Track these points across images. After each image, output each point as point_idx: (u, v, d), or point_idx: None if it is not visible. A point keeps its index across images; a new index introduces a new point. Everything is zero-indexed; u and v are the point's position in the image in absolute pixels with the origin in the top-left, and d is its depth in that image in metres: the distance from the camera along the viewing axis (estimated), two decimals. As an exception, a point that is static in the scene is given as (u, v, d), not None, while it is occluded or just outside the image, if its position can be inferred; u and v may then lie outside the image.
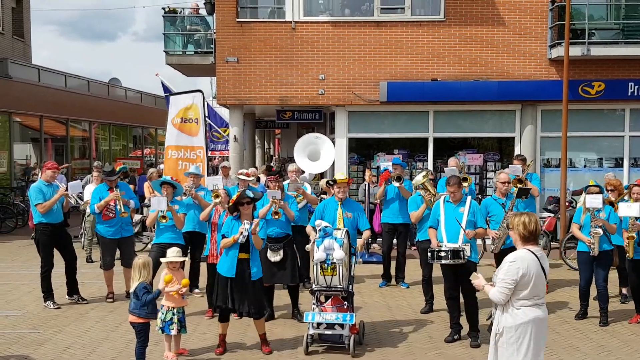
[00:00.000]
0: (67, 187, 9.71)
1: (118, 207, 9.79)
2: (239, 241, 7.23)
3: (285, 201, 8.84)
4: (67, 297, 9.90)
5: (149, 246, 12.31)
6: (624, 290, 9.82)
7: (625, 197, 9.42)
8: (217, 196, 8.85)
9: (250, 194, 7.48)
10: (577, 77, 14.84)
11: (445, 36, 15.22)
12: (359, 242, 8.42)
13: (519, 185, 9.31)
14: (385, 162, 11.29)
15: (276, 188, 8.73)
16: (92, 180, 13.46)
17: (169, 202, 9.04)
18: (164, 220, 9.01)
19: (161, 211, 8.93)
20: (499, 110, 15.62)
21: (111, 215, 9.87)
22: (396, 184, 10.64)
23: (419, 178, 9.77)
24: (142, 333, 6.88)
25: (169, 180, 9.43)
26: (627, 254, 8.58)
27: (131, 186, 11.80)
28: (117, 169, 10.59)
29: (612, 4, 15.31)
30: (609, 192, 9.71)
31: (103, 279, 10.21)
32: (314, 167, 11.34)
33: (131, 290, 7.02)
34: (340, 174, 8.71)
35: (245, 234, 7.21)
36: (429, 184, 9.69)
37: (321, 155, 11.45)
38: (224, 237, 7.47)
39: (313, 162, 11.35)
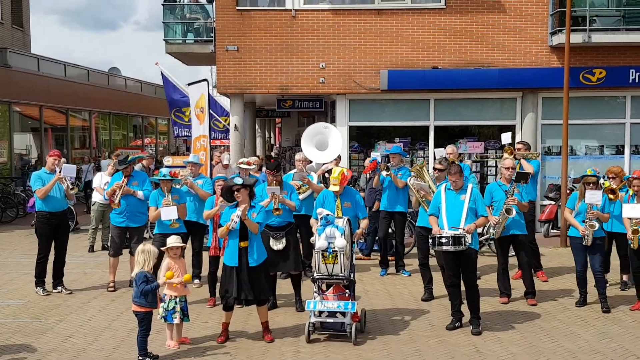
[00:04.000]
0: (60, 170, 9.65)
1: (117, 196, 9.75)
2: (231, 227, 7.25)
3: (284, 190, 8.84)
4: (52, 289, 9.86)
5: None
6: (625, 277, 9.83)
7: (628, 188, 9.37)
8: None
9: (238, 180, 7.47)
10: (578, 65, 14.78)
11: (446, 24, 15.16)
12: (358, 232, 8.43)
13: (517, 170, 9.29)
14: (375, 152, 11.27)
15: (274, 182, 8.75)
16: (107, 168, 13.48)
17: (169, 192, 9.09)
18: (176, 225, 9.02)
19: (175, 220, 9.00)
20: (500, 97, 15.58)
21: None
22: (384, 174, 10.67)
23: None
24: (144, 322, 6.89)
25: (167, 177, 9.37)
26: (632, 245, 8.59)
27: None
28: (130, 158, 10.59)
29: (613, -10, 15.24)
30: (610, 179, 9.66)
31: (104, 269, 10.23)
32: (322, 156, 11.32)
33: (132, 275, 7.04)
34: (335, 170, 8.58)
35: (237, 219, 7.23)
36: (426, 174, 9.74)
37: (329, 144, 11.42)
38: (220, 226, 7.51)
39: (321, 152, 11.31)
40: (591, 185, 8.76)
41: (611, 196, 8.97)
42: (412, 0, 15.29)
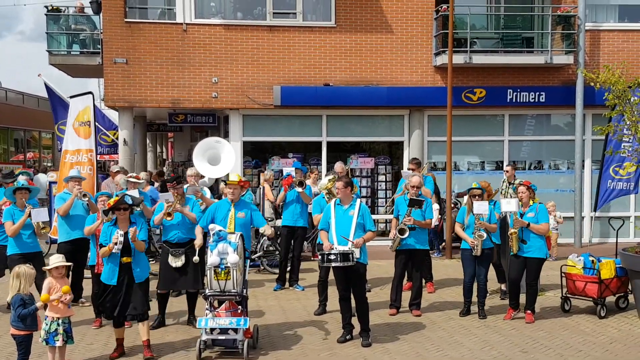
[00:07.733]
0: None
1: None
2: (115, 250, 7.10)
3: (186, 205, 8.72)
4: None
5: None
6: (503, 287, 10.38)
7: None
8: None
9: (129, 199, 7.32)
10: (460, 84, 15.51)
11: (337, 42, 15.49)
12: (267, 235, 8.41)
13: (410, 197, 9.52)
14: (288, 168, 11.35)
15: (175, 193, 8.62)
16: None
17: (25, 204, 8.79)
18: (43, 231, 8.82)
19: (42, 223, 8.70)
20: (389, 115, 16.07)
21: None
22: (299, 189, 10.80)
23: (324, 182, 9.89)
24: (22, 345, 6.58)
25: (26, 186, 9.09)
26: (512, 249, 9.06)
27: None
28: (17, 172, 10.21)
29: (492, 14, 16.13)
30: None
31: (-20, 291, 9.64)
32: (214, 171, 11.22)
33: (8, 300, 6.71)
34: (234, 175, 8.65)
35: (120, 245, 7.08)
36: (334, 189, 9.79)
37: (221, 159, 11.34)
38: (101, 246, 7.32)
39: (213, 167, 11.21)
40: (477, 197, 9.23)
41: None
42: (303, 17, 15.52)
